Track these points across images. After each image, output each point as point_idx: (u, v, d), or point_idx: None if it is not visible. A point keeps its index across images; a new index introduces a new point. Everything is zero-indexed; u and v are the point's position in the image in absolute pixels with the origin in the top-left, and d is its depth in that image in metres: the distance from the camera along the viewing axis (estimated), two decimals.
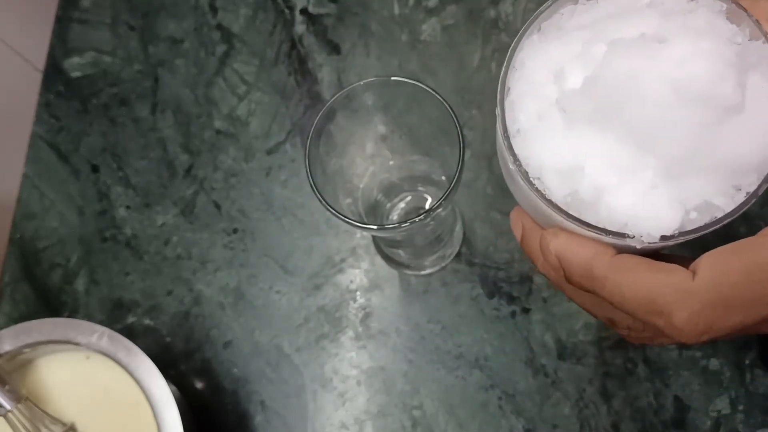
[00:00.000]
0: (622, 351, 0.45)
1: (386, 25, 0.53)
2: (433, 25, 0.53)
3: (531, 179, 0.23)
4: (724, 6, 0.23)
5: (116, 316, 0.49)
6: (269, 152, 0.51)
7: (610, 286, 0.24)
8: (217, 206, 0.51)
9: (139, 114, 0.53)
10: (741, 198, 0.22)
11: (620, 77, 0.22)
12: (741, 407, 0.43)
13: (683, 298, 0.22)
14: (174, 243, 0.50)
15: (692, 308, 0.22)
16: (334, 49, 0.53)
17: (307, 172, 0.35)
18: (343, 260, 0.48)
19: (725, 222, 0.22)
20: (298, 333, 0.47)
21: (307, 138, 0.35)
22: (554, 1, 0.25)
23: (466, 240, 0.48)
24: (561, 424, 0.44)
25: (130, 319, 0.49)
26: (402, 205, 0.45)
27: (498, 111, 0.25)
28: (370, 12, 0.54)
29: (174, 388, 0.41)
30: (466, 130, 0.50)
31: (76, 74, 0.55)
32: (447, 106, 0.34)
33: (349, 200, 0.40)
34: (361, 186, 0.42)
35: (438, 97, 0.35)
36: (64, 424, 0.39)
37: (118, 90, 0.54)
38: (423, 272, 0.47)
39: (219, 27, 0.55)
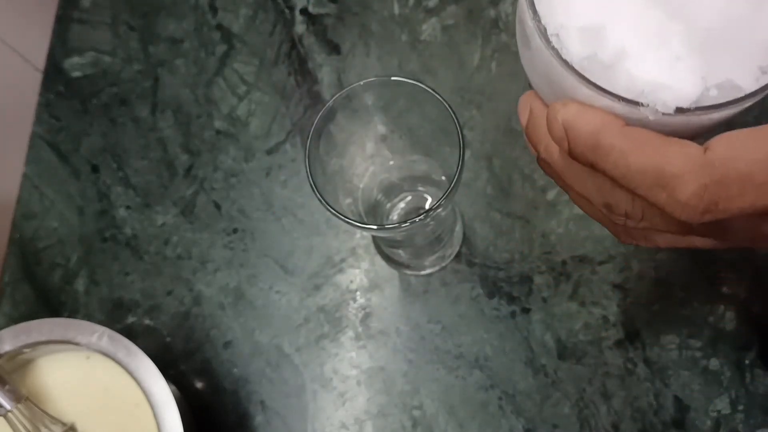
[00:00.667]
0: (622, 351, 0.45)
1: (386, 25, 0.53)
2: (433, 25, 0.53)
3: (549, 36, 0.22)
4: None
5: (116, 316, 0.49)
6: (269, 152, 0.51)
7: (615, 155, 0.22)
8: (217, 206, 0.51)
9: (139, 114, 0.53)
10: (765, 81, 0.21)
11: None
12: (741, 407, 0.43)
13: (693, 170, 0.21)
14: (174, 243, 0.50)
15: (701, 181, 0.21)
16: (334, 49, 0.53)
17: (307, 172, 0.35)
18: (343, 260, 0.48)
19: (746, 104, 0.21)
20: (298, 333, 0.47)
21: (307, 138, 0.35)
22: None
23: (466, 240, 0.48)
24: (561, 424, 0.44)
25: (130, 319, 0.49)
26: (402, 205, 0.45)
27: None
28: (370, 12, 0.54)
29: (174, 388, 0.41)
30: (466, 130, 0.50)
31: (76, 74, 0.55)
32: (447, 106, 0.34)
33: (349, 200, 0.40)
34: (361, 186, 0.42)
35: (438, 97, 0.35)
36: (64, 424, 0.39)
37: (118, 90, 0.54)
38: (423, 272, 0.47)
39: (219, 27, 0.55)
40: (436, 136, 0.37)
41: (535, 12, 0.23)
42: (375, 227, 0.35)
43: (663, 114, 0.21)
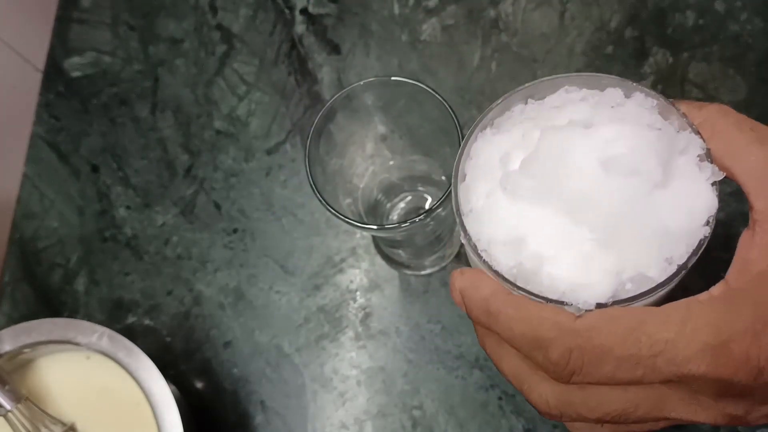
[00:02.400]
0: None
1: (386, 25, 0.53)
2: (433, 25, 0.53)
3: (479, 252, 0.26)
4: (655, 102, 0.26)
5: (116, 316, 0.49)
6: (269, 152, 0.51)
7: (502, 320, 0.25)
8: (217, 206, 0.51)
9: (139, 114, 0.53)
10: (672, 269, 0.24)
11: (552, 156, 0.25)
12: None
13: (561, 335, 0.23)
14: (174, 243, 0.50)
15: (566, 345, 0.23)
16: (334, 49, 0.53)
17: (307, 172, 0.35)
18: (343, 260, 0.48)
19: (658, 293, 0.24)
20: (298, 333, 0.47)
21: (307, 138, 0.35)
22: (505, 99, 0.28)
23: None
24: (560, 424, 0.44)
25: (130, 319, 0.49)
26: (402, 205, 0.45)
27: (452, 193, 0.27)
28: (370, 12, 0.54)
29: (174, 388, 0.41)
30: (465, 130, 0.50)
31: (76, 74, 0.55)
32: (447, 106, 0.34)
33: (349, 200, 0.40)
34: (361, 186, 0.42)
35: (438, 97, 0.35)
36: (64, 424, 0.39)
37: (118, 90, 0.54)
38: (423, 272, 0.47)
39: (219, 27, 0.55)
40: (436, 136, 0.37)
41: (466, 232, 0.26)
42: (375, 227, 0.35)
43: (586, 311, 0.24)
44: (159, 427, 0.38)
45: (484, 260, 0.26)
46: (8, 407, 0.37)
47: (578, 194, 0.24)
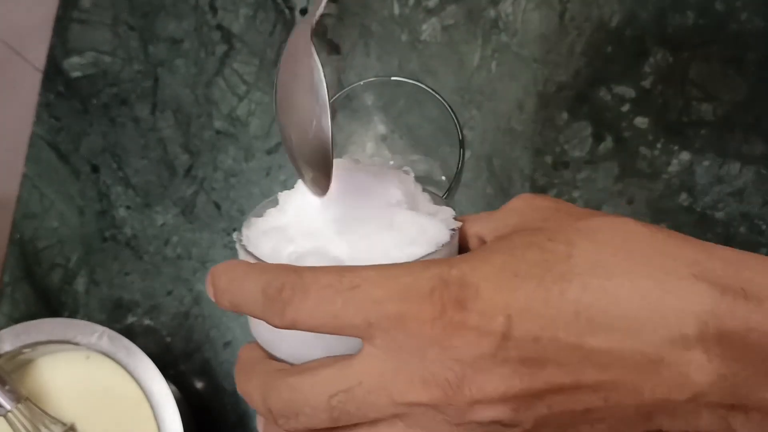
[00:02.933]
0: None
1: (386, 25, 0.53)
2: (433, 25, 0.53)
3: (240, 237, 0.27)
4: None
5: (116, 316, 0.49)
6: (269, 152, 0.51)
7: (319, 289, 0.23)
8: (217, 206, 0.51)
9: (139, 114, 0.53)
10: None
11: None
12: None
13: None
14: (174, 243, 0.50)
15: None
16: (334, 49, 0.53)
17: None
18: None
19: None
20: None
21: None
22: (263, 204, 0.28)
23: None
24: None
25: (130, 319, 0.49)
26: None
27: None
28: (369, 12, 0.54)
29: (174, 388, 0.41)
30: (465, 130, 0.50)
31: (76, 74, 0.55)
32: (447, 106, 0.34)
33: None
34: None
35: (438, 97, 0.35)
36: (64, 424, 0.39)
37: (118, 90, 0.54)
38: None
39: (219, 27, 0.55)
40: (436, 136, 0.37)
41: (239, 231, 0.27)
42: None
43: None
44: (159, 427, 0.38)
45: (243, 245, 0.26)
46: (8, 407, 0.37)
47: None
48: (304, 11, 0.54)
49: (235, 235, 0.27)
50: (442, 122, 0.35)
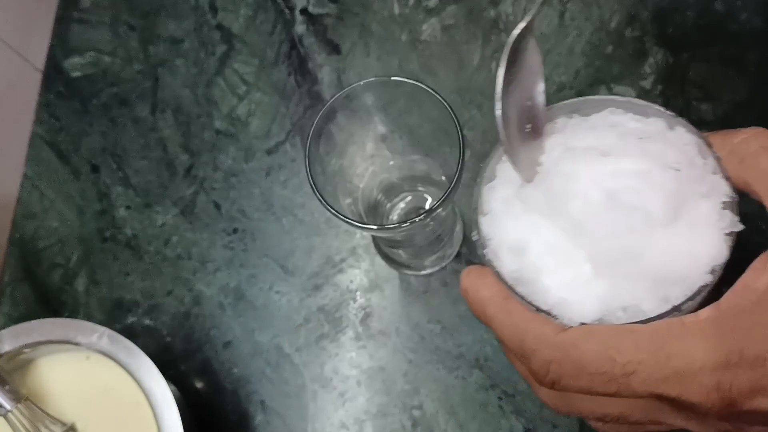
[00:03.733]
0: None
1: (386, 25, 0.53)
2: (433, 25, 0.53)
3: (484, 251, 0.27)
4: (695, 139, 0.26)
5: (116, 316, 0.49)
6: (269, 152, 0.51)
7: (495, 325, 0.27)
8: (217, 206, 0.51)
9: (139, 114, 0.53)
10: (667, 308, 0.24)
11: (563, 177, 0.26)
12: None
13: (542, 347, 0.25)
14: (174, 243, 0.50)
15: (546, 357, 0.24)
16: (334, 49, 0.53)
17: (307, 172, 0.35)
18: (343, 260, 0.48)
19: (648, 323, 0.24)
20: (298, 333, 0.47)
21: (307, 138, 0.35)
22: (549, 109, 0.29)
23: (466, 240, 0.48)
24: (561, 423, 0.44)
25: (130, 319, 0.49)
26: (402, 205, 0.45)
27: (474, 194, 0.29)
28: (370, 12, 0.54)
29: (174, 388, 0.41)
30: (466, 130, 0.50)
31: (76, 74, 0.55)
32: (447, 106, 0.34)
33: (349, 200, 0.40)
34: (361, 186, 0.42)
35: (438, 97, 0.35)
36: (64, 424, 0.39)
37: (118, 90, 0.54)
38: (423, 272, 0.47)
39: (219, 27, 0.55)
40: (436, 136, 0.37)
41: (479, 232, 0.28)
42: (375, 227, 0.35)
43: (569, 326, 0.25)
44: (159, 427, 0.38)
45: (487, 259, 0.27)
46: (8, 407, 0.37)
47: (578, 219, 0.25)
48: (304, 11, 0.54)
49: (474, 236, 0.28)
50: (442, 122, 0.35)
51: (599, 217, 0.25)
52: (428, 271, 0.47)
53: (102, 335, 0.39)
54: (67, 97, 0.55)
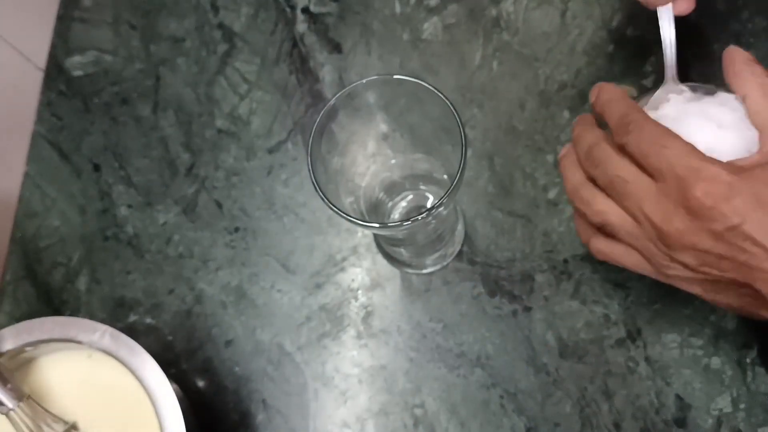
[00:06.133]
0: (624, 350, 0.45)
1: (388, 24, 0.53)
2: (434, 23, 0.53)
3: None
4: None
5: (118, 315, 0.49)
6: (271, 151, 0.51)
7: (649, 129, 0.33)
8: (219, 205, 0.51)
9: (141, 113, 0.53)
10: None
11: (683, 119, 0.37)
12: (743, 406, 0.43)
13: (724, 179, 0.31)
14: (175, 242, 0.50)
15: (720, 190, 0.30)
16: (336, 47, 0.53)
17: (309, 170, 0.35)
18: (344, 259, 0.48)
19: None
20: (299, 331, 0.47)
21: (309, 137, 0.35)
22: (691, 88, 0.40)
23: (467, 239, 0.48)
24: (562, 422, 0.44)
25: (132, 318, 0.49)
26: (404, 203, 0.45)
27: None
28: (371, 11, 0.54)
29: (176, 386, 0.41)
30: (467, 128, 0.50)
31: (77, 73, 0.55)
32: (449, 104, 0.34)
33: (351, 199, 0.40)
34: (363, 185, 0.42)
35: (440, 95, 0.35)
36: (66, 423, 0.39)
37: (120, 89, 0.54)
38: (424, 271, 0.47)
39: (220, 26, 0.55)
40: (438, 134, 0.37)
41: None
42: (377, 225, 0.35)
43: None
44: (161, 426, 0.38)
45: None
46: (10, 406, 0.37)
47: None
48: (305, 10, 0.54)
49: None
50: (444, 121, 0.35)
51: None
52: (430, 269, 0.47)
53: (104, 334, 0.39)
54: (69, 96, 0.55)
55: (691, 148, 0.32)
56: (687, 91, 0.41)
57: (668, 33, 0.43)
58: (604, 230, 0.36)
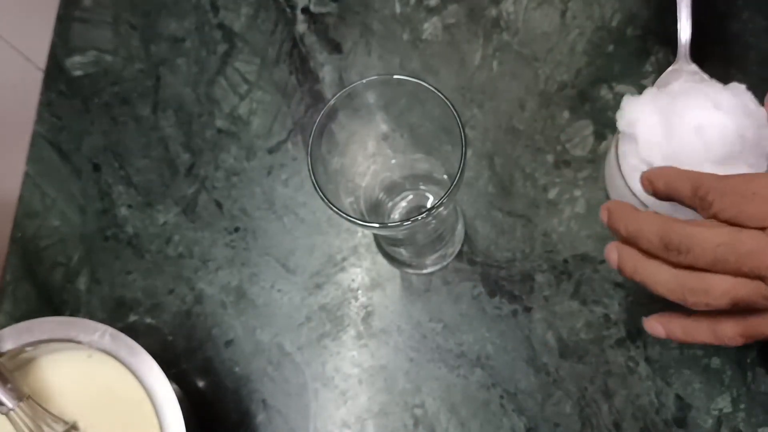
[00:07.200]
0: (624, 350, 0.45)
1: (387, 24, 0.53)
2: (434, 23, 0.53)
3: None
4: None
5: (118, 315, 0.49)
6: (271, 151, 0.51)
7: (731, 185, 0.32)
8: (219, 205, 0.51)
9: (141, 113, 0.53)
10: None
11: (682, 101, 0.40)
12: (742, 406, 0.43)
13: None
14: (175, 242, 0.50)
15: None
16: (336, 48, 0.53)
17: (309, 170, 0.35)
18: (344, 259, 0.48)
19: None
20: (299, 332, 0.47)
21: (309, 137, 0.35)
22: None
23: (467, 239, 0.48)
24: (562, 422, 0.44)
25: (132, 318, 0.49)
26: (404, 203, 0.45)
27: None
28: (371, 11, 0.54)
29: (176, 386, 0.41)
30: (467, 128, 0.50)
31: (77, 73, 0.55)
32: (449, 104, 0.34)
33: (351, 199, 0.40)
34: (363, 185, 0.42)
35: (440, 95, 0.35)
36: (66, 423, 0.39)
37: (120, 89, 0.54)
38: (424, 271, 0.47)
39: (220, 26, 0.55)
40: (438, 134, 0.37)
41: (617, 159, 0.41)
42: (377, 225, 0.35)
43: None
44: (161, 426, 0.38)
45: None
46: (10, 406, 0.37)
47: (671, 126, 0.40)
48: (305, 10, 0.54)
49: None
50: (443, 121, 0.35)
51: (684, 134, 0.38)
52: (430, 269, 0.47)
53: (104, 334, 0.39)
54: (69, 96, 0.55)
55: None
56: (699, 72, 0.43)
57: (685, 8, 0.43)
58: (731, 313, 0.33)
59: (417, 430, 0.45)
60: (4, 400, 0.37)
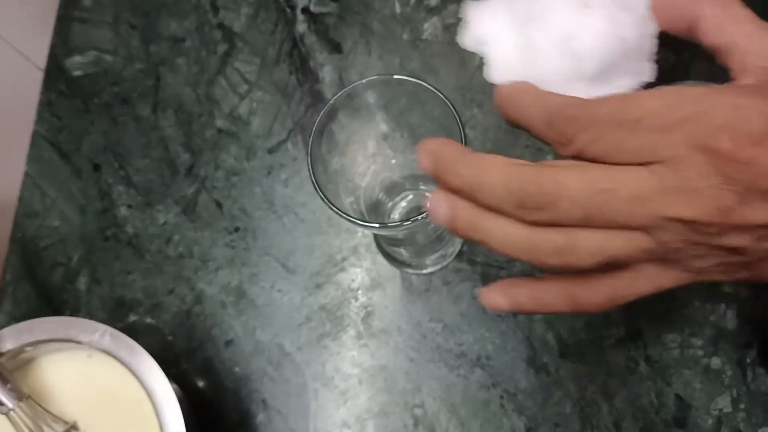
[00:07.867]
0: (624, 350, 0.45)
1: (387, 24, 0.53)
2: (434, 24, 0.53)
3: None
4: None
5: (118, 315, 0.49)
6: (271, 151, 0.51)
7: (602, 112, 0.24)
8: (219, 205, 0.51)
9: (141, 113, 0.53)
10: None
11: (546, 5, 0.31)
12: (743, 406, 0.43)
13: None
14: (175, 242, 0.50)
15: (747, 131, 0.22)
16: (336, 48, 0.53)
17: (309, 170, 0.35)
18: (344, 259, 0.48)
19: None
20: (299, 332, 0.47)
21: (309, 137, 0.35)
22: None
23: None
24: (562, 422, 0.44)
25: (132, 318, 0.49)
26: (404, 203, 0.45)
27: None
28: (371, 11, 0.54)
29: (176, 386, 0.41)
30: (467, 128, 0.50)
31: (77, 73, 0.55)
32: (449, 104, 0.34)
33: (351, 199, 0.40)
34: (363, 185, 0.42)
35: (440, 95, 0.35)
36: (66, 423, 0.39)
37: (120, 89, 0.54)
38: (424, 271, 0.47)
39: (220, 26, 0.55)
40: (438, 134, 0.37)
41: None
42: (377, 225, 0.35)
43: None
44: (161, 426, 0.38)
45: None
46: (10, 406, 0.37)
47: (534, 41, 0.31)
48: (305, 10, 0.54)
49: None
50: (444, 121, 0.35)
51: (548, 49, 0.30)
52: (430, 269, 0.47)
53: (104, 334, 0.39)
54: (69, 96, 0.55)
55: (670, 94, 0.24)
56: None
57: None
58: (594, 273, 0.26)
59: (417, 430, 0.45)
60: (4, 400, 0.37)
